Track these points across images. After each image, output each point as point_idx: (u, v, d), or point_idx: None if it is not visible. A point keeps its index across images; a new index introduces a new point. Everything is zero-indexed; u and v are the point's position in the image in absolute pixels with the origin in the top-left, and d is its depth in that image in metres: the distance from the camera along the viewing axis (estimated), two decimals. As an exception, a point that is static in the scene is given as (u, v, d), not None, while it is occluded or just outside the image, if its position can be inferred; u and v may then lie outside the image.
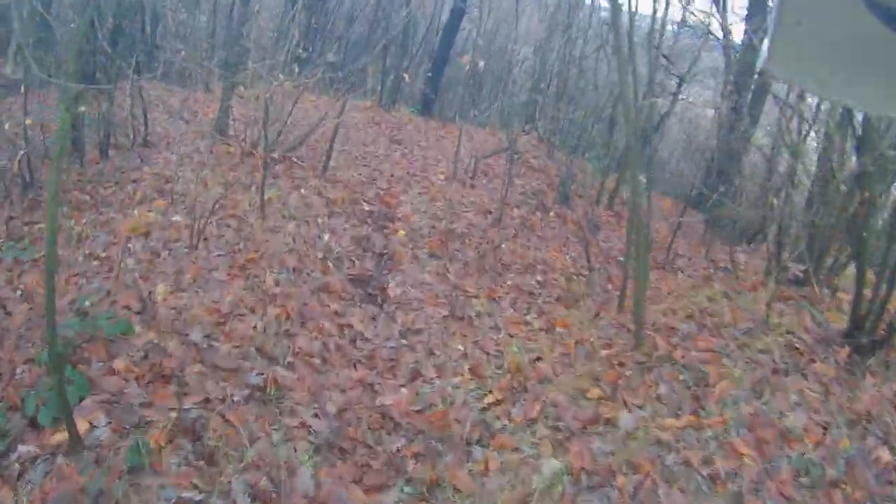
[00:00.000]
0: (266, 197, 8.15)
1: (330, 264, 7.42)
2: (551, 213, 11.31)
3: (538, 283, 8.79)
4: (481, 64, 13.18)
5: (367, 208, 9.08)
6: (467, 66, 13.92)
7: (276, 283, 6.58)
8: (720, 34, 16.52)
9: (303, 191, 8.89)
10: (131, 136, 10.11)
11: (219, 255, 6.91)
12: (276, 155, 9.50)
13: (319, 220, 8.27)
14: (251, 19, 12.06)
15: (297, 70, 10.52)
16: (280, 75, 9.69)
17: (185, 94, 13.54)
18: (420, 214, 9.37)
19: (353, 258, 7.78)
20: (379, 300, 7.09)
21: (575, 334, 6.94)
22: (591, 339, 6.67)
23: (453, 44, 17.45)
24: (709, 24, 15.21)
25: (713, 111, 17.79)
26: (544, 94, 14.45)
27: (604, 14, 17.31)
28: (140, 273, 6.50)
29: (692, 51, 15.29)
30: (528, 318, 7.54)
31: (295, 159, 9.99)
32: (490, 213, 10.26)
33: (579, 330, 7.14)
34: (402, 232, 8.65)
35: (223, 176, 9.03)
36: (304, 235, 7.76)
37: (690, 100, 18.08)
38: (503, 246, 9.30)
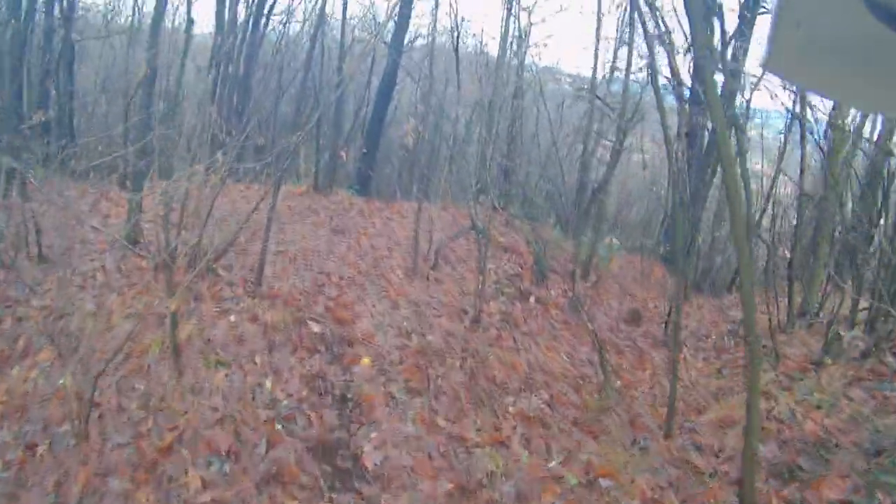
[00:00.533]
0: (184, 336, 5.88)
1: (279, 428, 5.17)
2: (531, 300, 9.27)
3: (545, 402, 6.69)
4: (423, 133, 11.16)
5: (316, 330, 6.85)
6: (407, 137, 11.91)
7: (204, 485, 4.30)
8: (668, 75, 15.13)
9: (232, 317, 6.62)
10: (24, 252, 7.73)
11: (119, 446, 4.59)
12: (193, 270, 7.27)
13: (257, 359, 6.00)
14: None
15: (218, 157, 8.36)
16: (197, 165, 7.53)
17: (98, 193, 11.03)
18: (384, 330, 7.18)
19: (308, 410, 5.53)
20: (353, 480, 4.84)
21: (632, 491, 4.86)
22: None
23: (386, 115, 15.47)
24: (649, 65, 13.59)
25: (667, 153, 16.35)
26: (493, 160, 12.55)
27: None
28: (6, 490, 4.21)
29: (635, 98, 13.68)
30: (553, 466, 5.42)
31: (221, 271, 7.69)
32: (465, 312, 8.14)
33: (631, 480, 5.06)
34: (366, 360, 6.45)
35: (133, 302, 6.75)
36: (239, 388, 5.49)
37: (631, 151, 16.51)
38: (490, 357, 7.18)
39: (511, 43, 13.65)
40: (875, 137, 8.77)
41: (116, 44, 16.29)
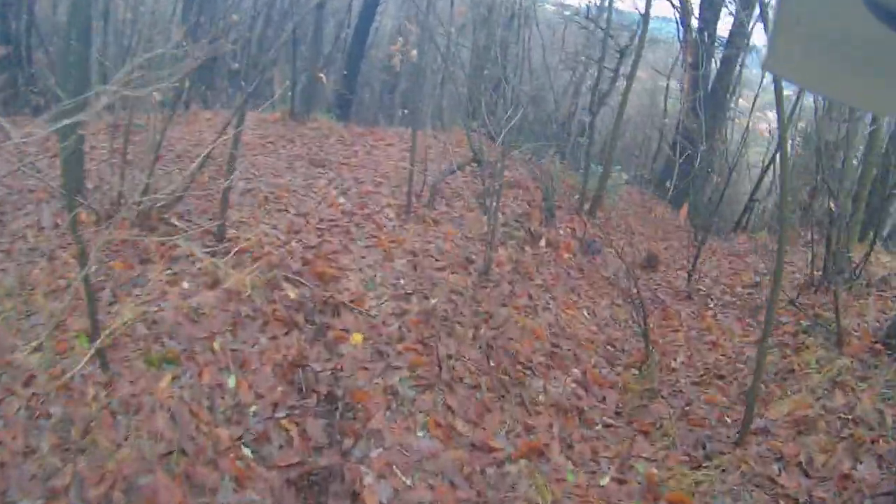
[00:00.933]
0: (123, 321, 4.21)
1: (246, 453, 3.58)
2: (542, 243, 7.65)
3: (578, 383, 5.18)
4: (414, 53, 9.25)
5: (292, 295, 5.18)
6: (395, 58, 10.05)
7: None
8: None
9: (185, 285, 4.92)
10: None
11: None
12: (143, 222, 5.56)
13: (216, 345, 4.34)
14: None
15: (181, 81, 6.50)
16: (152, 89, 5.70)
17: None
18: (377, 290, 5.53)
19: (286, 420, 3.93)
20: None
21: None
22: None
23: (368, 35, 13.43)
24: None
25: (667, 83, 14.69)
26: (487, 84, 10.70)
27: None
28: None
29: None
30: (608, 485, 3.95)
31: (176, 221, 5.94)
32: (470, 261, 6.52)
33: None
34: (356, 336, 4.83)
35: (64, 271, 5.01)
36: (192, 396, 3.85)
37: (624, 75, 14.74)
38: (507, 322, 5.61)
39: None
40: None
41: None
